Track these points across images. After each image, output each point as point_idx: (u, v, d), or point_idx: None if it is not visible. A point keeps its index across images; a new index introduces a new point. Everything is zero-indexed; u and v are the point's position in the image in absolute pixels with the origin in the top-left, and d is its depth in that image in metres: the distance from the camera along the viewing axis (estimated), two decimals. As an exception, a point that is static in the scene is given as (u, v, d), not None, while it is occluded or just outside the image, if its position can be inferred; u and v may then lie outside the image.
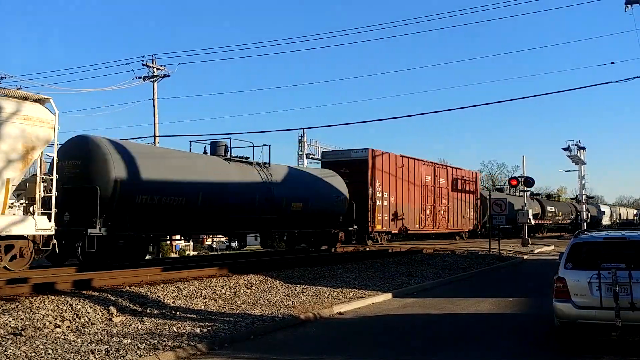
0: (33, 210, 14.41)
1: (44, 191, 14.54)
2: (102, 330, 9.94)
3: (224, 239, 61.12)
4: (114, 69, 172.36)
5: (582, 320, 8.78)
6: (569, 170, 68.78)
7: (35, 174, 15.01)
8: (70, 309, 10.94)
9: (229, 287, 14.75)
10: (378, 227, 31.55)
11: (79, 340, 9.14)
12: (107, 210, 16.74)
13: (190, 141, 24.39)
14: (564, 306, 8.93)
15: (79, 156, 17.20)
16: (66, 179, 16.44)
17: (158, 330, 10.04)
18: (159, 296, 12.93)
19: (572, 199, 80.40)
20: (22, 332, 9.39)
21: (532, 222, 53.82)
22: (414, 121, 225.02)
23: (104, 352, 8.38)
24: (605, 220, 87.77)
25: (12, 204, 14.28)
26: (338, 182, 27.83)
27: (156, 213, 18.28)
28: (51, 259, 16.93)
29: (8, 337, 9.10)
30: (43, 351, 8.29)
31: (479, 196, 44.86)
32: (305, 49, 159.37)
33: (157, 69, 37.06)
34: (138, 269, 16.11)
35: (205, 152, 22.47)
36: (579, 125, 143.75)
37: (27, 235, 14.27)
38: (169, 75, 37.49)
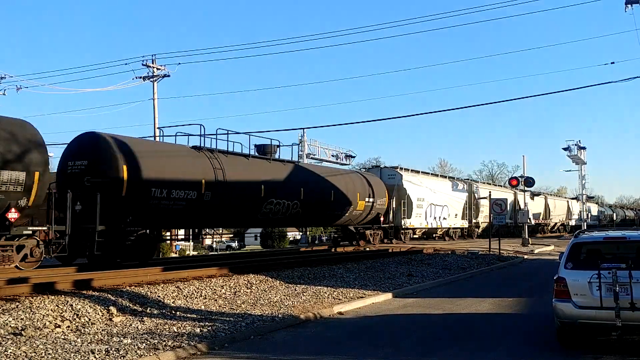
0: None
1: None
2: (102, 330, 9.94)
3: (224, 238, 61.25)
4: (114, 69, 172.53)
5: (582, 320, 8.77)
6: (569, 170, 68.86)
7: None
8: (70, 309, 10.93)
9: (229, 287, 14.74)
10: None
11: (79, 340, 9.14)
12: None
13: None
14: (564, 306, 8.93)
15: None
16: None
17: (158, 330, 10.04)
18: (159, 296, 12.93)
19: (572, 198, 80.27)
20: (22, 332, 9.39)
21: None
22: (414, 121, 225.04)
23: (104, 352, 8.38)
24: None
25: None
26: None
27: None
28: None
29: (8, 337, 9.10)
30: (43, 351, 8.29)
31: None
32: (305, 49, 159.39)
33: (157, 69, 37.06)
34: (138, 269, 16.11)
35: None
36: (579, 125, 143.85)
37: None
38: (169, 75, 37.53)
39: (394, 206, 33.36)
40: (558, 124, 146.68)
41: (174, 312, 11.83)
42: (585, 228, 52.96)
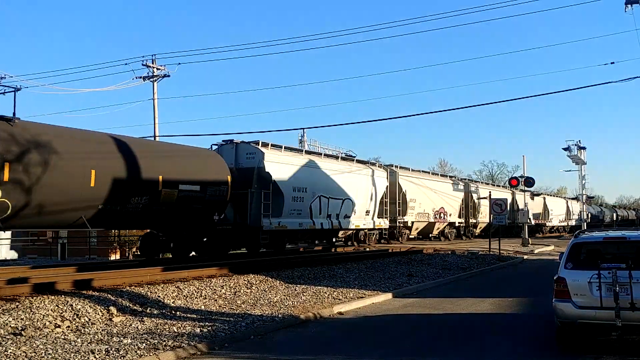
0: None
1: None
2: (102, 330, 9.94)
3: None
4: (114, 69, 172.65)
5: (582, 320, 8.77)
6: (569, 170, 68.88)
7: None
8: (70, 309, 10.94)
9: (229, 287, 14.75)
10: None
11: (79, 340, 9.14)
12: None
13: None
14: (564, 306, 8.93)
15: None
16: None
17: (158, 330, 10.04)
18: (159, 296, 12.93)
19: (572, 198, 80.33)
20: (22, 332, 9.39)
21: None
22: (414, 121, 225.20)
23: (104, 352, 8.38)
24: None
25: None
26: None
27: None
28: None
29: (8, 337, 9.11)
30: (43, 351, 8.29)
31: None
32: (305, 49, 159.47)
33: (157, 69, 37.04)
34: (138, 269, 16.11)
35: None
36: (579, 125, 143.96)
37: None
38: (169, 75, 37.46)
39: (251, 200, 22.57)
40: (558, 124, 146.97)
41: (174, 312, 11.84)
42: (585, 228, 52.96)
